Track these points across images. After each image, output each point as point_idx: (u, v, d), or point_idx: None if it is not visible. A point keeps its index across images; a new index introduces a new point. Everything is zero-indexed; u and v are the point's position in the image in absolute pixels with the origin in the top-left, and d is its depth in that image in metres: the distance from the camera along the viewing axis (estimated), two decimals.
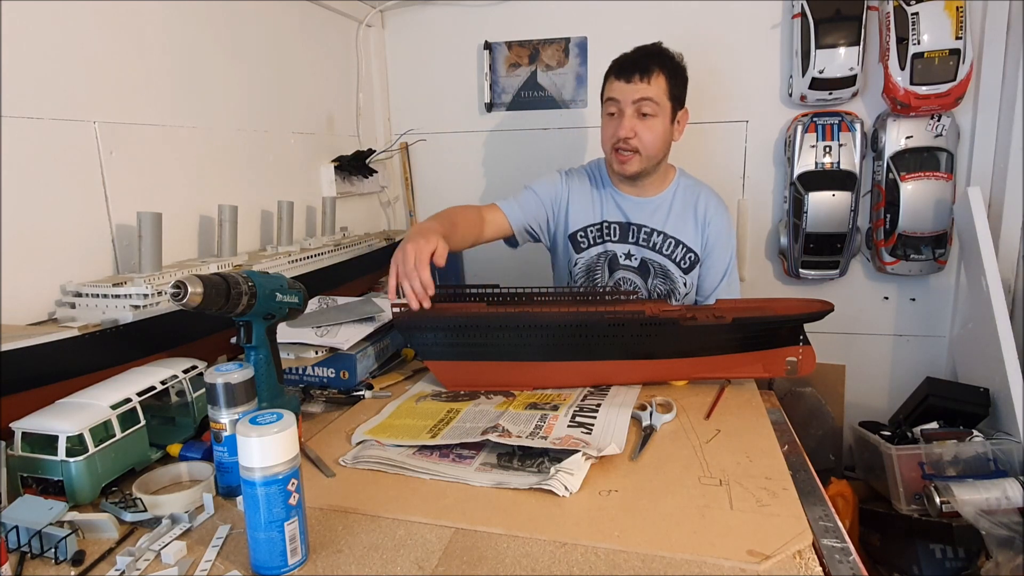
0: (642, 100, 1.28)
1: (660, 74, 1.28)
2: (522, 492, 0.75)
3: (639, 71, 1.27)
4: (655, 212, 1.40)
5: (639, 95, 1.27)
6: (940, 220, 1.68)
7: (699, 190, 1.41)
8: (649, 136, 1.30)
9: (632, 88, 1.28)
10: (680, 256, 1.39)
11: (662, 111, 1.29)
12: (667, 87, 1.29)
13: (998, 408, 1.45)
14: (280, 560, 0.61)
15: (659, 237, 1.39)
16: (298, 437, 0.65)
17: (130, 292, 0.96)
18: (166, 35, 1.21)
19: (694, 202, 1.39)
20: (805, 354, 1.05)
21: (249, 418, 0.62)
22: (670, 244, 1.39)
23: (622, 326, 1.02)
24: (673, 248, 1.39)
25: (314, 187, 1.71)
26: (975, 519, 1.22)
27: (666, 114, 1.30)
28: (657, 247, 1.40)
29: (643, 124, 1.29)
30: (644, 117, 1.29)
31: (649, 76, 1.27)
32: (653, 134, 1.30)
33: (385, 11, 1.99)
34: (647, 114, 1.29)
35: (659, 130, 1.30)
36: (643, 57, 1.30)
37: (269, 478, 0.60)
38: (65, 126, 1.02)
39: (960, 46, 1.54)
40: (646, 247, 1.40)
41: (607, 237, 1.42)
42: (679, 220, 1.39)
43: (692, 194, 1.40)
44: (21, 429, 0.73)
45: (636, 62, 1.29)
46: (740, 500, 0.73)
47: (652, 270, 1.41)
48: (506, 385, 1.07)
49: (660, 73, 1.28)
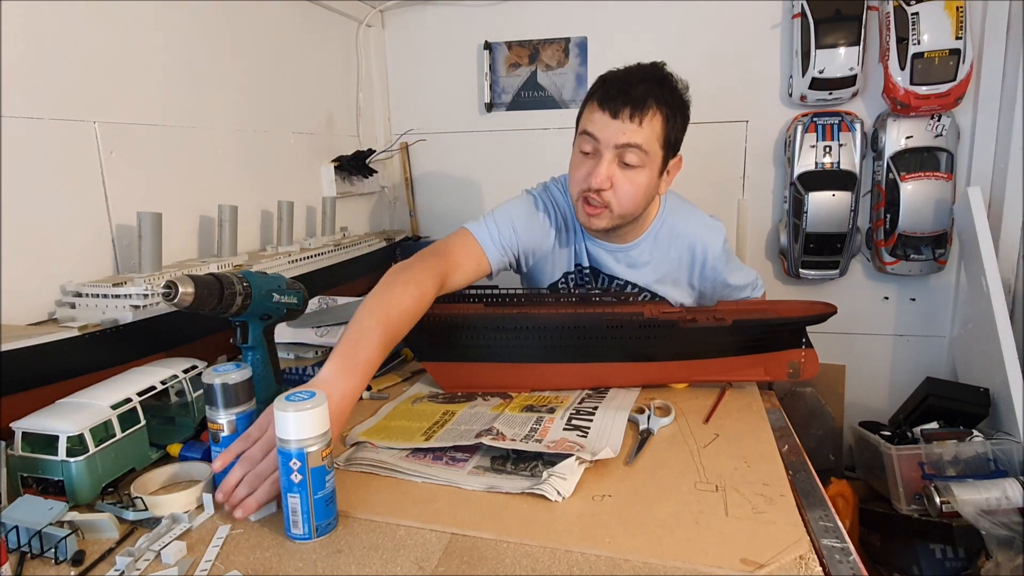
0: (627, 146, 1.01)
1: (657, 114, 1.01)
2: (514, 496, 0.74)
3: (631, 106, 1.00)
4: (629, 264, 1.20)
5: (624, 139, 1.01)
6: (940, 220, 1.68)
7: (680, 220, 1.19)
8: (628, 191, 1.05)
9: (618, 128, 1.01)
10: None
11: (650, 161, 1.03)
12: (662, 131, 1.03)
13: (998, 408, 1.45)
14: (287, 525, 0.67)
15: (632, 288, 1.21)
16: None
17: (130, 292, 0.96)
18: (166, 35, 1.21)
19: (678, 241, 1.18)
20: (807, 357, 1.04)
21: (287, 394, 0.67)
22: (644, 297, 1.19)
23: (621, 328, 1.01)
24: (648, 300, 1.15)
25: (314, 187, 1.71)
26: (975, 519, 1.22)
27: (655, 165, 1.05)
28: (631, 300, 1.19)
29: (623, 175, 1.04)
30: (626, 167, 1.03)
31: (642, 116, 1.00)
32: (634, 188, 1.04)
33: (385, 11, 2.00)
34: (630, 164, 1.03)
35: (641, 184, 1.05)
36: (639, 87, 1.01)
37: (280, 447, 0.65)
38: (65, 126, 1.02)
39: (960, 46, 1.54)
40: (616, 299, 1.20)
41: (584, 281, 1.24)
42: (656, 267, 1.20)
43: (673, 229, 1.18)
44: (21, 429, 0.73)
45: (628, 92, 1.00)
46: (736, 507, 0.72)
47: None
48: (504, 387, 1.07)
49: (657, 113, 1.01)
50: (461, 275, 1.07)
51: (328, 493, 0.67)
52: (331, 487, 0.68)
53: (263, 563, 0.64)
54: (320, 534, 0.67)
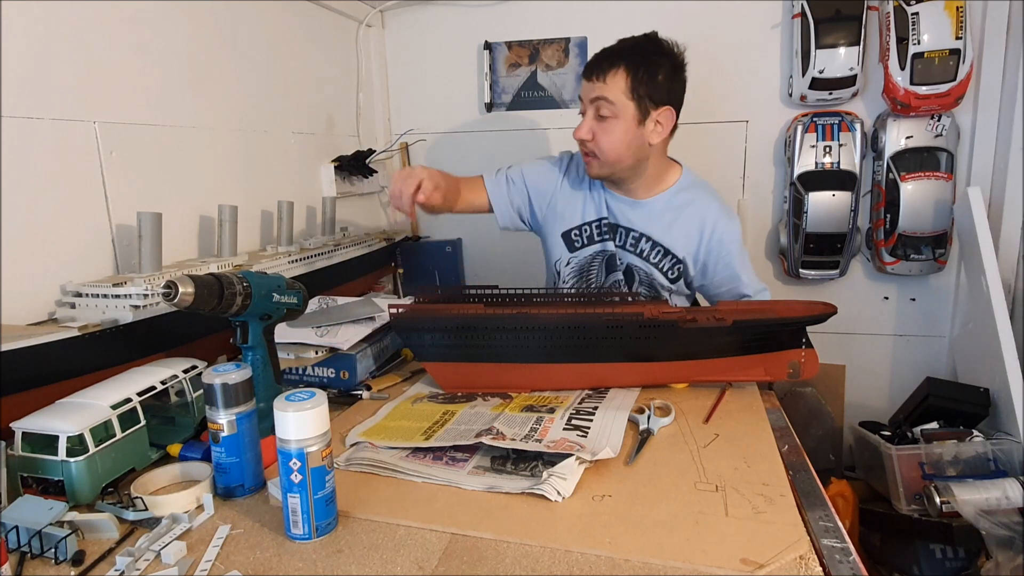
0: (596, 100, 1.20)
1: (619, 71, 1.18)
2: (514, 496, 0.74)
3: (595, 69, 1.20)
4: (644, 216, 1.31)
5: (593, 94, 1.20)
6: (940, 220, 1.68)
7: (700, 196, 1.31)
8: (605, 139, 1.21)
9: (589, 87, 1.22)
10: (668, 266, 1.32)
11: (622, 111, 1.19)
12: (626, 85, 1.18)
13: (998, 408, 1.45)
14: (287, 525, 0.68)
15: (647, 243, 1.31)
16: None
17: (130, 292, 0.96)
18: (166, 35, 1.21)
19: (693, 209, 1.29)
20: (808, 357, 1.04)
21: (287, 394, 0.68)
22: (658, 252, 1.31)
23: (621, 328, 1.01)
24: (661, 257, 1.31)
25: (314, 187, 1.71)
26: (975, 519, 1.22)
27: (628, 115, 1.20)
28: (644, 254, 1.32)
29: (600, 127, 1.22)
30: (602, 119, 1.21)
31: (604, 74, 1.19)
32: (609, 138, 1.21)
33: (385, 11, 1.99)
34: (604, 116, 1.20)
35: (616, 133, 1.21)
36: (605, 53, 1.21)
37: (280, 447, 0.66)
38: (65, 126, 1.02)
39: (960, 46, 1.54)
40: (632, 252, 1.33)
41: (605, 235, 1.35)
42: (670, 226, 1.30)
43: (691, 200, 1.30)
44: (21, 429, 0.73)
45: (598, 58, 1.21)
46: (736, 507, 0.72)
47: (637, 277, 1.35)
48: (504, 387, 1.07)
49: (619, 70, 1.18)
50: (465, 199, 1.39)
51: (328, 493, 0.67)
52: (331, 487, 0.68)
53: (263, 563, 0.64)
54: (320, 534, 0.67)
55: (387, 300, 1.26)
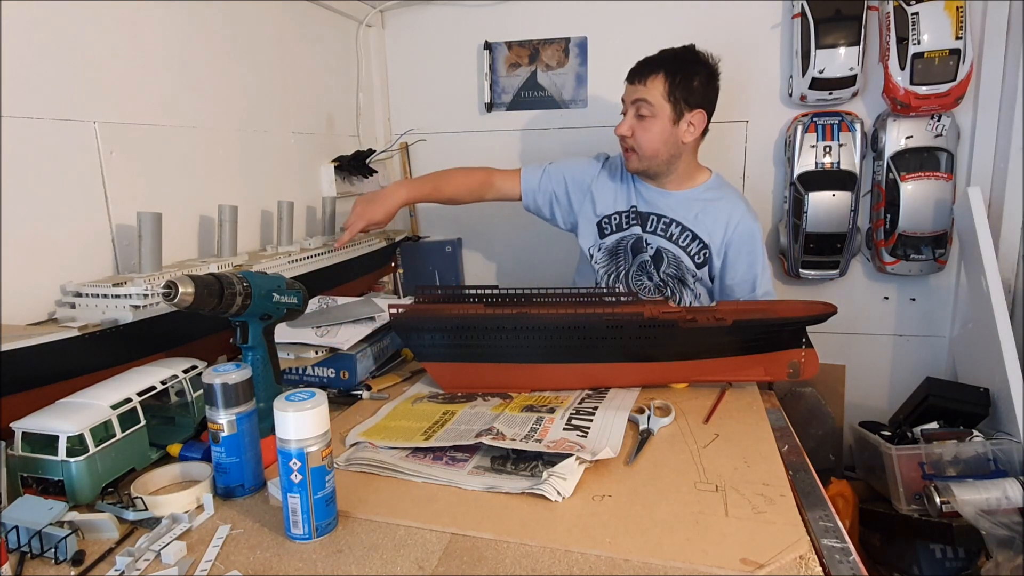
0: (638, 101, 1.35)
1: (658, 76, 1.33)
2: (514, 496, 0.74)
3: (637, 74, 1.36)
4: (675, 204, 1.43)
5: (635, 95, 1.36)
6: (940, 220, 1.68)
7: (728, 194, 1.45)
8: (644, 137, 1.36)
9: (632, 89, 1.37)
10: (695, 250, 1.41)
11: (660, 112, 1.34)
12: (665, 89, 1.33)
13: (998, 408, 1.45)
14: (287, 525, 0.68)
15: (676, 228, 1.43)
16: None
17: (130, 292, 0.96)
18: (166, 35, 1.21)
19: (722, 204, 1.41)
20: (808, 357, 1.04)
21: (287, 394, 0.68)
22: (687, 236, 1.42)
23: (621, 328, 1.01)
24: (689, 241, 1.42)
25: (314, 187, 1.71)
26: (975, 519, 1.22)
27: (664, 115, 1.34)
28: (674, 238, 1.43)
29: (639, 125, 1.36)
30: (641, 119, 1.36)
31: (645, 79, 1.34)
32: (648, 135, 1.36)
33: (385, 11, 1.99)
34: (643, 116, 1.35)
35: (654, 131, 1.35)
36: (647, 60, 1.36)
37: (280, 447, 0.66)
38: (65, 126, 1.02)
39: (960, 46, 1.54)
40: (663, 236, 1.44)
41: (632, 222, 1.46)
42: (698, 215, 1.42)
43: (719, 196, 1.43)
44: (21, 429, 0.73)
45: (640, 65, 1.37)
46: (736, 507, 0.72)
47: (666, 259, 1.44)
48: (504, 387, 1.07)
49: (658, 76, 1.33)
50: (496, 188, 1.58)
51: (328, 493, 0.67)
52: (331, 487, 0.68)
53: (263, 563, 0.64)
54: (320, 534, 0.67)
55: (387, 300, 1.26)
